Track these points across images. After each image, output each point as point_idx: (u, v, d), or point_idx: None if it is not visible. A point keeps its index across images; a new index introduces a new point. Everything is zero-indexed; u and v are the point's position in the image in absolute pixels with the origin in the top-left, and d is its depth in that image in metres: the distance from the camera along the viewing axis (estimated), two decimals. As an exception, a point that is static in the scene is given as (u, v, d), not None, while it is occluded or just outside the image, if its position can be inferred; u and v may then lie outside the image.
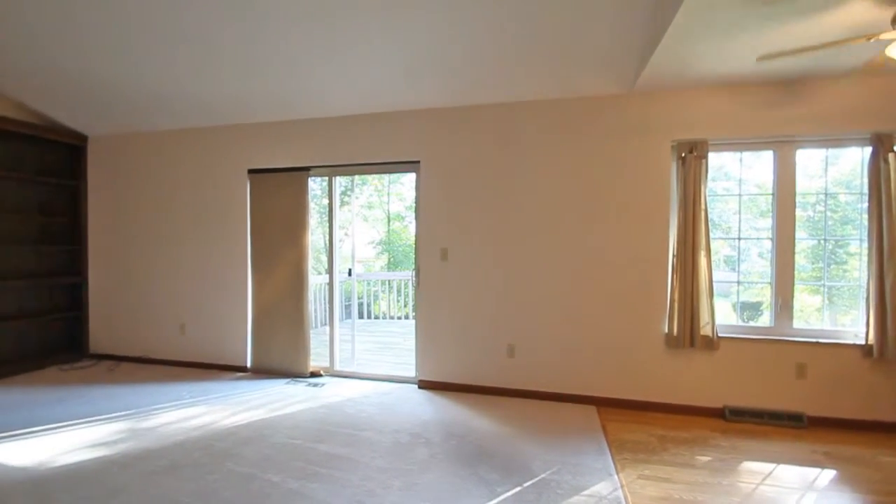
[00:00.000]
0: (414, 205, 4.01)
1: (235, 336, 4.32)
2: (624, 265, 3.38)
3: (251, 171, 4.24)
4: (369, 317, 7.20)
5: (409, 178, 9.45)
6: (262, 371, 4.22)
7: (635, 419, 3.17)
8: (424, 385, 3.80)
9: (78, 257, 4.74)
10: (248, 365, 4.29)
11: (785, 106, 3.09)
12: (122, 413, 3.24)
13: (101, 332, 4.76)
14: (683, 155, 3.23)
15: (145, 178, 4.58)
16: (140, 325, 4.63)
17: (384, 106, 3.77)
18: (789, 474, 2.47)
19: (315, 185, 4.37)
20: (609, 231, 3.40)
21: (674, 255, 3.27)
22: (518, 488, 2.27)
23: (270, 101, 3.83)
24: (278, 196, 4.16)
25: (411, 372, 3.98)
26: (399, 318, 7.15)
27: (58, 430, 2.93)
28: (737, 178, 3.51)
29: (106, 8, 2.86)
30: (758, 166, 3.52)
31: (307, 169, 4.08)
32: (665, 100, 3.28)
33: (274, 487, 2.27)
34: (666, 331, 3.30)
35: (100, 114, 4.27)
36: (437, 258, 3.77)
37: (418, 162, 3.81)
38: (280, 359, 4.16)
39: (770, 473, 2.48)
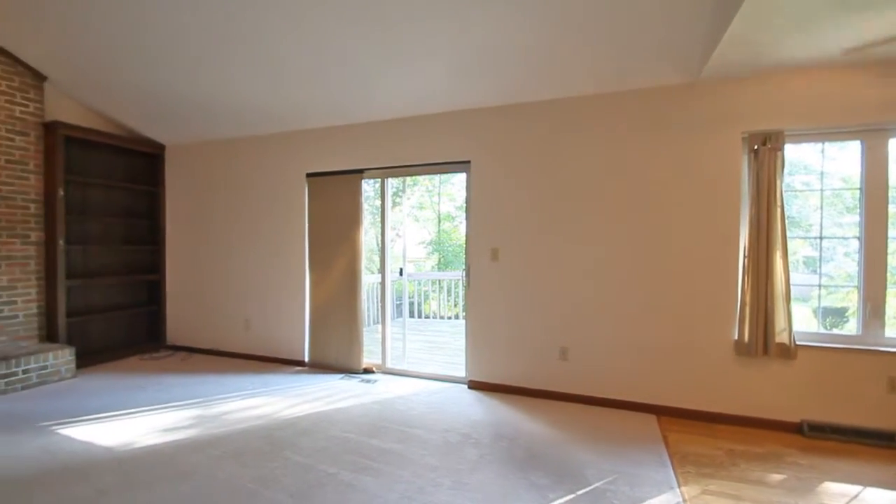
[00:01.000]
0: (464, 205, 4.01)
1: (294, 332, 4.53)
2: (689, 265, 3.18)
3: (309, 175, 4.42)
4: (420, 316, 7.29)
5: (460, 179, 9.47)
6: (319, 366, 4.39)
7: (700, 431, 2.97)
8: (474, 386, 3.78)
9: (157, 257, 5.18)
10: (306, 359, 4.48)
11: (876, 90, 2.77)
12: (193, 401, 3.49)
13: (177, 325, 5.17)
14: (756, 147, 2.99)
15: (214, 183, 4.91)
16: (210, 320, 4.97)
17: (435, 107, 3.81)
18: (878, 498, 2.21)
19: (368, 186, 4.50)
20: (672, 229, 3.22)
21: (745, 256, 3.04)
22: (571, 496, 2.20)
23: (327, 107, 3.98)
24: (334, 198, 4.31)
25: (461, 372, 3.97)
26: (449, 317, 7.19)
27: (138, 415, 3.21)
28: (818, 172, 3.20)
29: (179, 29, 3.11)
30: (842, 158, 3.20)
31: (361, 171, 4.20)
32: (734, 88, 3.05)
33: (329, 478, 2.34)
34: (736, 337, 3.07)
35: (175, 124, 4.64)
36: (487, 258, 3.74)
37: (469, 162, 3.80)
38: (335, 355, 4.31)
39: (856, 496, 2.23)
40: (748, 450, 2.71)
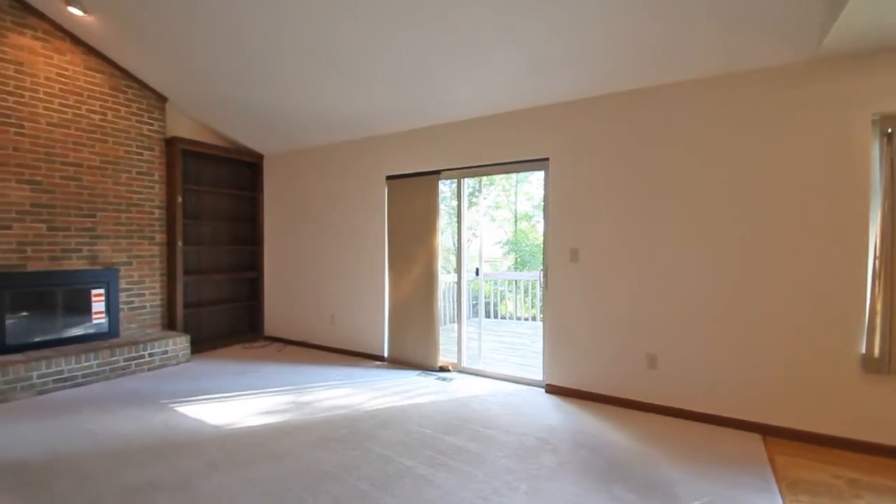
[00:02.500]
0: (542, 203, 3.91)
1: (374, 328, 4.73)
2: (806, 267, 2.81)
3: (389, 177, 4.59)
4: (496, 316, 7.25)
5: (538, 177, 9.27)
6: (397, 361, 4.54)
7: (815, 456, 2.61)
8: (552, 390, 3.67)
9: (256, 256, 5.70)
10: (385, 355, 4.65)
11: None
12: (287, 387, 3.78)
13: (273, 318, 5.65)
14: (890, 131, 2.56)
15: (304, 188, 5.29)
16: (300, 315, 5.36)
17: (511, 105, 3.76)
18: None
19: (445, 187, 4.56)
20: (785, 226, 2.86)
21: (875, 257, 2.61)
22: (659, 514, 2.04)
23: (406, 111, 4.11)
24: (412, 199, 4.43)
25: (538, 375, 3.88)
26: (525, 319, 7.05)
27: (240, 398, 3.54)
28: (978, 157, 2.65)
29: (274, 49, 3.40)
30: None
31: (438, 172, 4.27)
32: (860, 64, 2.63)
33: (407, 471, 2.40)
34: (863, 350, 2.65)
35: (271, 135, 5.08)
36: (566, 258, 3.61)
37: (547, 159, 3.70)
38: (412, 351, 4.43)
39: None
40: (874, 481, 2.32)
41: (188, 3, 3.17)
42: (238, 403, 3.41)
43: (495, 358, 4.86)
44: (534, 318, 7.00)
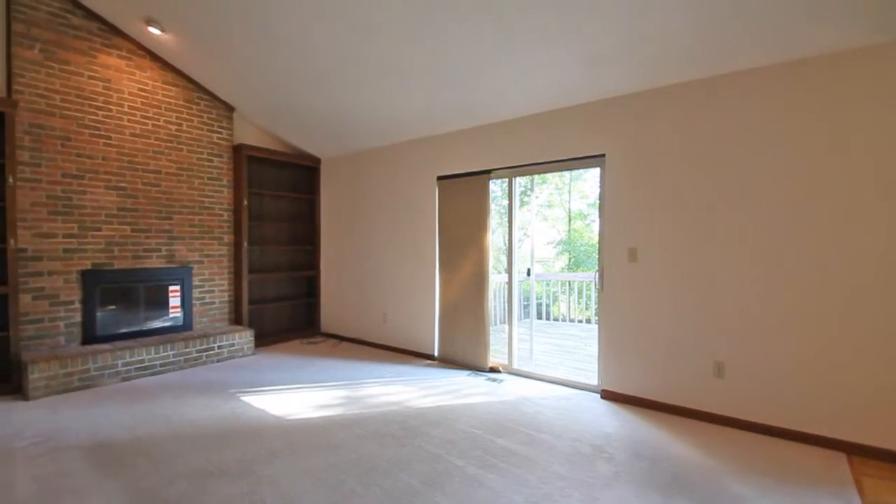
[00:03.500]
0: (598, 202, 3.77)
1: (425, 327, 4.78)
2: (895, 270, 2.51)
3: (439, 178, 4.62)
4: (548, 318, 7.09)
5: (593, 174, 8.98)
6: (447, 361, 4.56)
7: (915, 482, 2.32)
8: (608, 396, 3.53)
9: (313, 256, 5.95)
10: (435, 354, 4.69)
11: None
12: (342, 382, 3.91)
13: (329, 315, 5.87)
14: None
15: (358, 190, 5.45)
16: (354, 313, 5.53)
17: (564, 101, 3.65)
18: None
19: (496, 186, 4.52)
20: (871, 224, 2.57)
21: None
22: (727, 533, 1.89)
23: (457, 111, 4.11)
24: (462, 199, 4.43)
25: (593, 380, 3.74)
26: (580, 321, 6.84)
27: (299, 390, 3.71)
28: None
29: (329, 57, 3.52)
30: None
31: (488, 172, 4.24)
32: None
33: (457, 470, 2.40)
34: (974, 365, 2.32)
35: (328, 139, 5.27)
36: (624, 259, 3.46)
37: (603, 156, 3.56)
38: (462, 352, 4.43)
39: None
40: None
41: (254, 19, 3.37)
42: (297, 395, 3.57)
43: (547, 360, 4.75)
44: (588, 321, 6.77)
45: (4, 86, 3.59)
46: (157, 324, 4.50)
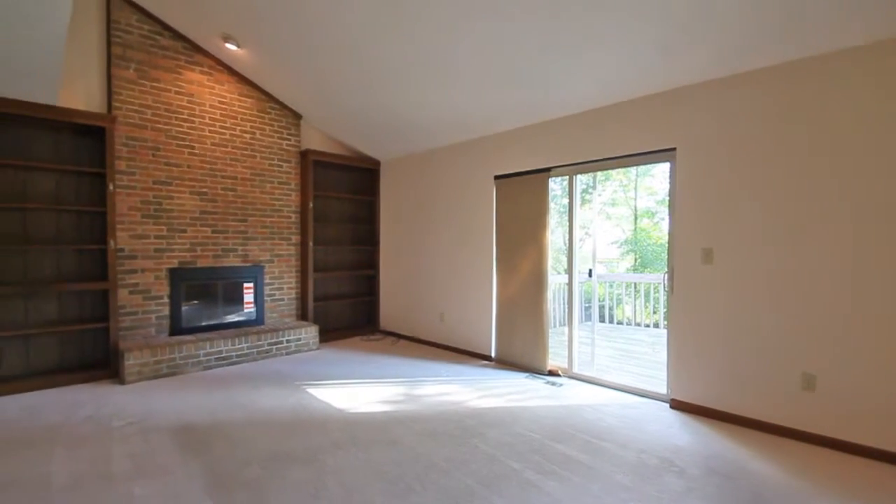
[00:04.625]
0: (667, 199, 3.54)
1: (482, 328, 4.75)
2: None
3: (497, 177, 4.58)
4: (611, 321, 6.79)
5: (662, 169, 8.48)
6: (504, 362, 4.50)
7: None
8: (678, 406, 3.30)
9: (373, 255, 6.13)
10: (492, 355, 4.64)
11: None
12: (400, 379, 3.99)
13: (387, 313, 6.01)
14: None
15: (416, 191, 5.54)
16: (412, 311, 5.62)
17: (629, 93, 3.47)
18: None
19: (555, 184, 4.39)
20: None
21: None
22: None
23: (514, 110, 4.05)
24: (520, 198, 4.35)
25: (661, 388, 3.52)
26: (646, 325, 6.48)
27: (360, 385, 3.83)
28: None
29: (387, 62, 3.60)
30: None
31: (547, 170, 4.13)
32: None
33: (514, 474, 2.35)
34: None
35: (387, 143, 5.41)
36: (697, 259, 3.22)
37: (673, 149, 3.34)
38: (520, 353, 4.35)
39: None
40: None
41: (319, 32, 3.54)
42: (358, 390, 3.69)
43: (610, 366, 4.54)
44: (656, 325, 6.40)
45: (105, 103, 4.03)
46: (233, 318, 4.85)
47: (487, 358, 4.69)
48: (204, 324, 4.63)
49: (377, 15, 3.21)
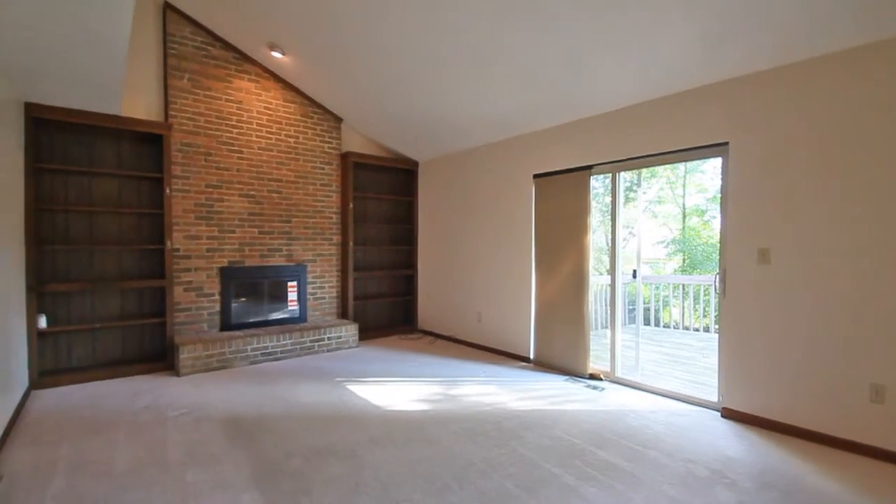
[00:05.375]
0: (719, 196, 3.36)
1: (520, 329, 4.68)
2: None
3: (536, 176, 4.50)
4: (657, 324, 6.52)
5: (713, 165, 8.06)
6: (543, 364, 4.41)
7: None
8: (730, 414, 3.12)
9: (411, 255, 6.19)
10: (531, 356, 4.57)
11: None
12: (437, 379, 4.00)
13: (425, 313, 6.05)
14: None
15: (453, 191, 5.54)
16: (449, 311, 5.63)
17: (677, 85, 3.31)
18: None
19: (597, 182, 4.26)
20: None
21: None
22: None
23: (553, 106, 3.97)
24: (560, 197, 4.26)
25: (712, 396, 3.34)
26: (696, 329, 6.18)
27: (398, 383, 3.87)
28: None
29: (428, 63, 3.61)
30: None
31: (589, 167, 4.02)
32: None
33: (554, 478, 2.30)
34: None
35: (425, 142, 5.44)
36: (752, 260, 3.03)
37: (726, 144, 3.16)
38: (560, 355, 4.25)
39: None
40: None
41: (358, 37, 3.61)
42: (396, 388, 3.73)
43: (655, 371, 4.36)
44: (706, 329, 6.09)
45: (162, 112, 4.29)
46: (278, 315, 5.04)
47: (526, 359, 4.61)
48: (251, 320, 4.83)
49: (414, 17, 3.23)
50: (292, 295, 5.11)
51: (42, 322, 3.64)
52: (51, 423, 2.94)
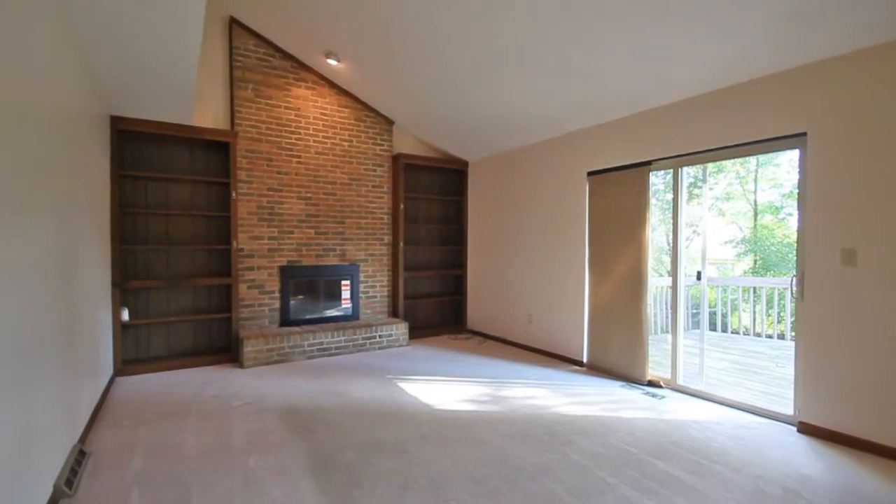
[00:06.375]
0: (796, 191, 3.08)
1: (573, 331, 4.54)
2: None
3: (590, 173, 4.35)
4: (724, 330, 6.08)
5: (789, 158, 7.43)
6: (597, 369, 4.25)
7: None
8: (807, 429, 2.84)
9: (461, 255, 6.19)
10: (584, 360, 4.41)
11: None
12: (486, 379, 3.97)
13: (475, 312, 6.03)
14: None
15: (503, 190, 5.47)
16: (499, 312, 5.57)
17: (749, 72, 3.06)
18: None
19: (657, 179, 4.04)
20: None
21: None
22: None
23: (611, 100, 3.81)
24: (616, 195, 4.08)
25: (787, 408, 3.06)
26: (769, 336, 5.71)
27: (447, 382, 3.88)
28: None
29: (478, 62, 3.59)
30: None
31: (648, 163, 3.82)
32: None
33: (608, 488, 2.20)
34: None
35: (475, 142, 5.42)
36: (835, 261, 2.75)
37: (804, 134, 2.88)
38: (616, 360, 4.07)
39: None
40: None
41: (411, 42, 3.67)
42: (445, 387, 3.74)
43: (722, 379, 4.06)
44: (781, 336, 5.61)
45: (229, 120, 4.58)
46: (332, 313, 5.22)
47: (578, 363, 4.47)
48: (307, 317, 5.04)
49: (465, 19, 3.22)
50: (346, 293, 5.28)
51: (125, 315, 4.00)
52: (131, 408, 3.22)
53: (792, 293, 3.01)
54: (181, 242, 4.37)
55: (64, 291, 2.34)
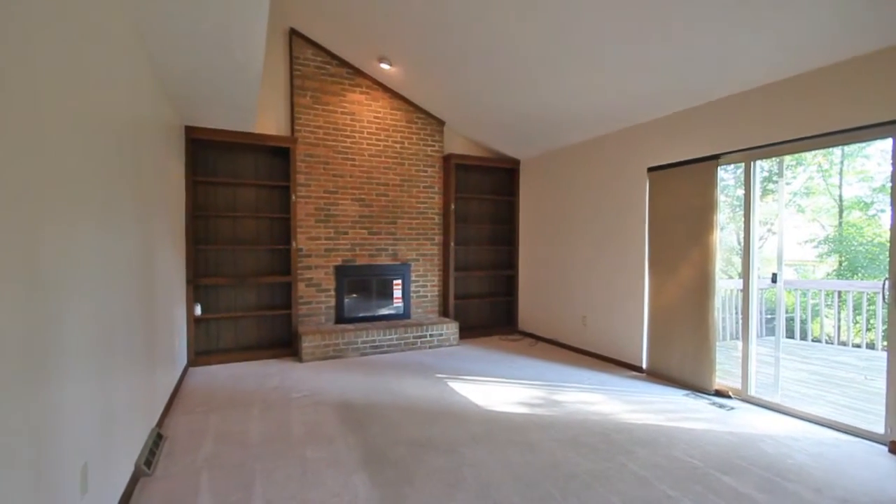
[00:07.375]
0: (888, 185, 2.75)
1: (631, 335, 4.34)
2: None
3: (650, 169, 4.13)
4: (804, 337, 5.56)
5: (880, 148, 6.68)
6: (658, 375, 4.03)
7: None
8: (907, 451, 2.53)
9: (512, 255, 6.11)
10: (644, 366, 4.20)
11: None
12: (539, 383, 3.88)
13: (526, 314, 5.93)
14: None
15: (557, 188, 5.34)
16: (551, 313, 5.43)
17: (829, 57, 2.78)
18: None
19: (726, 174, 3.76)
20: None
21: None
22: None
23: (673, 91, 3.60)
24: (680, 191, 3.86)
25: (877, 426, 2.74)
26: (856, 345, 5.16)
27: (498, 383, 3.84)
28: None
29: (528, 58, 3.53)
30: None
31: (716, 157, 3.58)
32: None
33: (669, 501, 2.08)
34: None
35: (526, 141, 5.34)
36: (937, 260, 2.42)
37: (896, 119, 2.58)
38: (679, 367, 3.84)
39: None
40: None
41: (461, 43, 3.67)
42: (496, 388, 3.70)
43: (801, 391, 3.72)
44: (871, 346, 5.04)
45: (289, 127, 4.81)
46: (384, 311, 5.33)
47: (637, 369, 4.26)
48: (361, 315, 5.19)
49: (515, 18, 3.17)
50: (397, 292, 5.37)
51: (198, 310, 4.31)
52: (202, 396, 3.47)
53: (884, 298, 2.70)
54: (246, 242, 4.65)
55: (146, 286, 2.56)
